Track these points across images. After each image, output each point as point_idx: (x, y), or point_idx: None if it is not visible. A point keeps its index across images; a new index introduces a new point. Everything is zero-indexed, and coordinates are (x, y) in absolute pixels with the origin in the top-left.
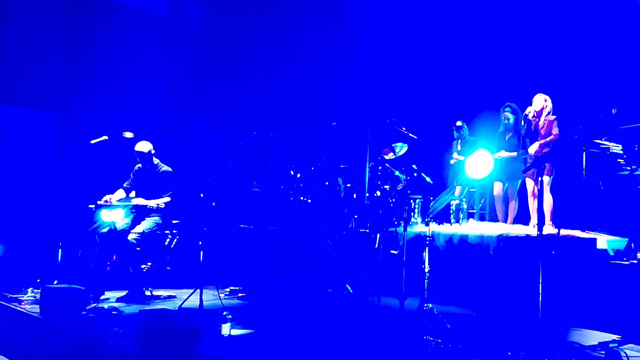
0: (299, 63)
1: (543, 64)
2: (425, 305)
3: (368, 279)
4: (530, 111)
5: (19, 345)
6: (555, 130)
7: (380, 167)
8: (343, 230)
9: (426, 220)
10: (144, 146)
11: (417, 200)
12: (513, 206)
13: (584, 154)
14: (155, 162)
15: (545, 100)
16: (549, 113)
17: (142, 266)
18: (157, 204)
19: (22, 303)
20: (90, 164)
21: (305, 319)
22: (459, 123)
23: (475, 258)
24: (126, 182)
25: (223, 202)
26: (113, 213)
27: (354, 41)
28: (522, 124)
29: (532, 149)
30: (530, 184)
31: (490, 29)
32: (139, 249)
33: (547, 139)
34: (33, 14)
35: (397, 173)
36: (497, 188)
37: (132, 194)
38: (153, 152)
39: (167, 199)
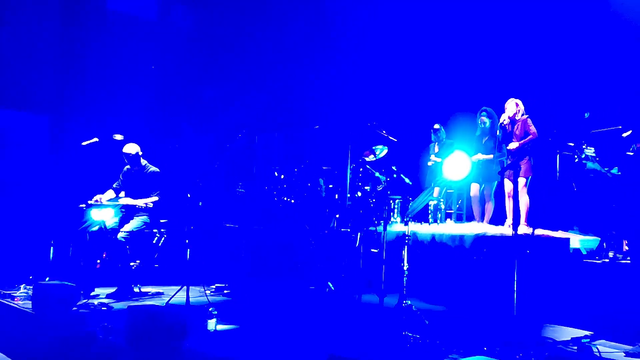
0: (284, 69)
1: (518, 70)
2: (404, 302)
3: (349, 276)
4: (504, 118)
5: (12, 339)
6: (532, 129)
7: (361, 169)
8: (325, 230)
9: (405, 220)
10: (131, 148)
11: (397, 201)
12: (489, 207)
13: (558, 156)
14: (143, 164)
15: (517, 105)
16: (522, 115)
17: (131, 264)
18: (145, 204)
19: (15, 299)
20: (82, 165)
21: (288, 315)
22: (436, 126)
23: (452, 257)
24: (115, 183)
25: (210, 202)
26: (103, 212)
27: (336, 48)
28: (498, 133)
29: (512, 145)
30: (508, 184)
31: (466, 35)
32: (127, 247)
33: (527, 139)
34: (26, 20)
35: (377, 174)
36: (474, 189)
37: (122, 194)
38: (140, 153)
39: (155, 198)
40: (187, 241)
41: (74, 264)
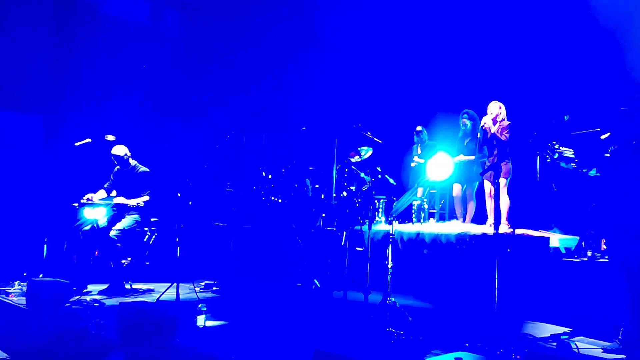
0: (271, 71)
1: (499, 73)
2: (388, 299)
3: (335, 274)
4: (485, 121)
5: (6, 334)
6: (505, 137)
7: (346, 169)
8: (311, 229)
9: (390, 219)
10: (120, 150)
11: (381, 201)
12: (471, 206)
13: (538, 157)
14: (133, 164)
15: (500, 108)
16: (502, 119)
17: (123, 261)
18: (137, 203)
19: (10, 295)
20: (75, 165)
21: (276, 312)
22: (419, 128)
23: (435, 255)
24: (107, 183)
25: (199, 201)
26: (95, 211)
27: (323, 52)
28: (479, 135)
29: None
30: (488, 185)
31: (447, 39)
32: (119, 244)
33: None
34: (21, 23)
35: (362, 175)
36: (456, 189)
37: (113, 193)
38: (129, 154)
39: (146, 197)
40: (177, 239)
41: (67, 261)
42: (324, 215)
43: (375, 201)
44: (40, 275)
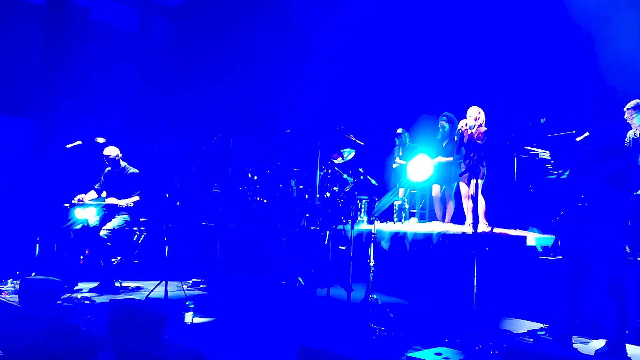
0: (257, 76)
1: (479, 77)
2: (371, 296)
3: (318, 272)
4: (462, 125)
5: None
6: (480, 141)
7: (329, 171)
8: (296, 228)
9: (371, 219)
10: (111, 151)
11: (364, 201)
12: (450, 206)
13: (515, 159)
14: (123, 165)
15: (479, 113)
16: (480, 124)
17: (112, 260)
18: (127, 203)
19: (2, 293)
20: (66, 166)
21: (261, 308)
22: (399, 130)
23: (415, 253)
24: (97, 184)
25: (187, 201)
26: (86, 211)
27: (306, 56)
28: (456, 139)
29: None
30: (463, 187)
31: (427, 45)
32: (109, 244)
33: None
34: (13, 28)
35: (345, 176)
36: (436, 190)
37: (103, 194)
38: (120, 156)
39: (136, 198)
40: (165, 238)
41: (58, 260)
42: (307, 215)
43: (358, 201)
44: (33, 274)
